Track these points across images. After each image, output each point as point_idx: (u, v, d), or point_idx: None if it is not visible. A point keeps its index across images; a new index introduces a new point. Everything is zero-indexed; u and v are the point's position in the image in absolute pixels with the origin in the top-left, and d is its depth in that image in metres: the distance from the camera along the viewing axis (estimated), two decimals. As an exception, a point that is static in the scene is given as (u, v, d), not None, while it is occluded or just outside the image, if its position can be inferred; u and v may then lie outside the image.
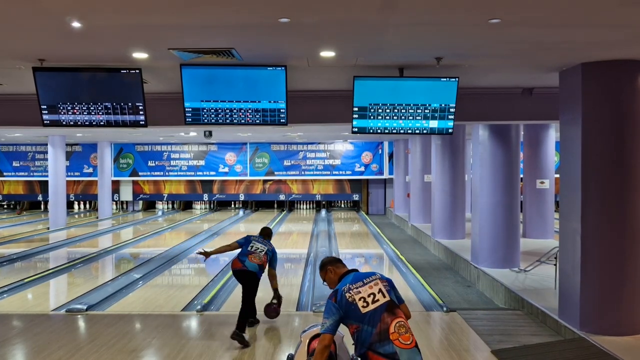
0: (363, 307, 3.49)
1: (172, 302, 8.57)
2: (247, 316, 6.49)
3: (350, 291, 3.54)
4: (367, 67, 6.53)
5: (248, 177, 23.73)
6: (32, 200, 25.57)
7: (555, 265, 8.03)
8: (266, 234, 7.15)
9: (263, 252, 6.79)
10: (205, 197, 24.53)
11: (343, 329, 3.76)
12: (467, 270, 10.79)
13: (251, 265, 6.64)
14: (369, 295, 3.53)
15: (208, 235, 16.82)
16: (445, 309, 7.80)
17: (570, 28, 4.91)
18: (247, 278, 6.69)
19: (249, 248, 6.73)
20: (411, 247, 14.96)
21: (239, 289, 9.93)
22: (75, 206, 26.00)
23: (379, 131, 6.98)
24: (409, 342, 3.45)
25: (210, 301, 8.42)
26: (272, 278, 6.97)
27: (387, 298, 3.53)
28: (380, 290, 3.54)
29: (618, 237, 6.23)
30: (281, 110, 6.81)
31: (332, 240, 15.60)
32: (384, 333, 3.44)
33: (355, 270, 3.75)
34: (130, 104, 6.84)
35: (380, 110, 6.88)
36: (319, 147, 23.36)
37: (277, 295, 7.06)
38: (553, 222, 13.47)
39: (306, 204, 25.63)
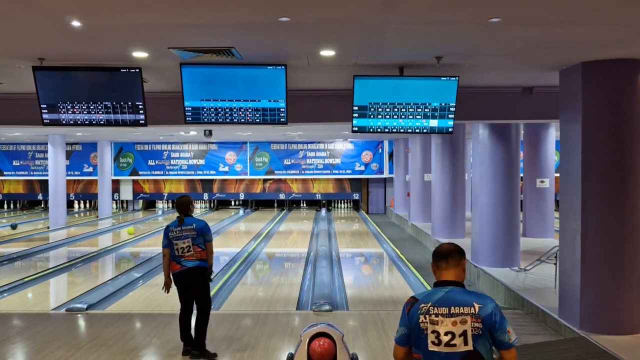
0: (432, 343, 2.65)
1: (172, 301, 8.52)
2: (198, 326, 5.79)
3: (429, 314, 2.68)
4: (367, 66, 6.53)
5: (248, 177, 23.73)
6: (32, 200, 25.59)
7: (555, 264, 8.03)
8: (183, 211, 5.87)
9: (191, 247, 5.69)
10: (206, 196, 24.53)
11: (343, 328, 3.74)
12: (467, 270, 10.78)
13: (191, 263, 5.70)
14: (445, 334, 2.64)
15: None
16: (445, 308, 7.79)
17: (571, 27, 4.90)
18: (192, 277, 5.73)
19: (176, 252, 5.70)
20: (411, 246, 14.96)
21: (239, 288, 9.98)
22: (75, 205, 26.01)
23: (379, 130, 6.97)
24: None
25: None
26: (208, 254, 5.82)
27: (469, 347, 2.62)
28: (463, 334, 2.62)
29: (618, 236, 6.22)
30: (281, 110, 6.80)
31: (332, 239, 15.60)
32: None
33: (456, 285, 2.78)
34: (130, 103, 6.84)
35: (380, 110, 6.87)
36: (319, 146, 23.36)
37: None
38: (553, 221, 13.47)
39: (306, 203, 25.65)
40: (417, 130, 6.99)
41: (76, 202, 25.98)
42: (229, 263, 11.82)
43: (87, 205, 26.15)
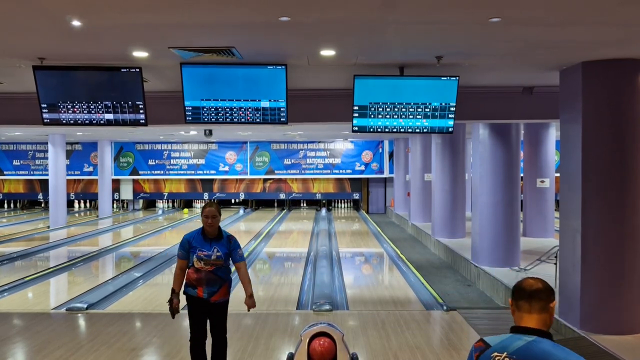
0: None
1: (172, 300, 8.55)
2: None
3: None
4: (367, 65, 6.53)
5: (248, 176, 23.72)
6: (32, 199, 25.60)
7: (556, 264, 8.03)
8: None
9: None
10: (206, 196, 24.52)
11: (343, 327, 3.73)
12: (467, 269, 10.79)
13: None
14: None
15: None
16: (445, 307, 7.80)
17: (571, 27, 4.90)
18: None
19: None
20: (411, 246, 14.96)
21: (239, 288, 9.91)
22: (76, 205, 26.01)
23: (379, 130, 6.97)
24: None
25: (211, 300, 8.41)
26: None
27: None
28: None
29: (618, 236, 6.23)
30: (281, 109, 6.80)
31: (333, 239, 15.61)
32: None
33: (541, 335, 2.28)
34: (130, 102, 6.84)
35: (380, 109, 6.87)
36: (319, 146, 23.35)
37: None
38: (553, 221, 13.46)
39: (306, 203, 25.65)
40: (418, 130, 6.99)
41: (76, 201, 25.97)
42: (229, 263, 11.81)
43: (87, 204, 26.15)
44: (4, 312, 7.74)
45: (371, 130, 6.96)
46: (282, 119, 6.85)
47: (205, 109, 6.82)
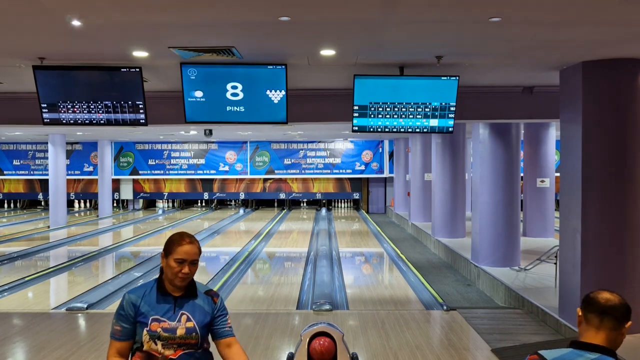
0: None
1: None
2: None
3: None
4: (367, 65, 6.53)
5: (248, 176, 23.73)
6: (32, 199, 25.61)
7: (556, 264, 8.03)
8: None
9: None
10: (206, 195, 24.53)
11: (343, 327, 3.73)
12: (467, 269, 10.79)
13: None
14: None
15: (208, 233, 16.83)
16: (445, 307, 7.80)
17: (571, 26, 4.90)
18: None
19: None
20: (411, 245, 14.96)
21: (239, 287, 9.98)
22: (76, 205, 26.01)
23: (379, 130, 6.97)
24: None
25: (211, 300, 8.40)
26: None
27: None
28: None
29: (618, 236, 6.23)
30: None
31: (333, 238, 15.61)
32: None
33: (606, 354, 2.18)
34: (130, 102, 6.84)
35: (380, 109, 6.87)
36: (319, 145, 23.36)
37: None
38: (553, 220, 13.47)
39: (306, 203, 25.65)
40: (418, 130, 6.99)
41: (76, 201, 25.98)
42: (229, 262, 11.82)
43: (88, 204, 26.16)
44: (4, 312, 7.73)
45: (371, 130, 6.96)
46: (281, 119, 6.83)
47: (205, 109, 6.79)
